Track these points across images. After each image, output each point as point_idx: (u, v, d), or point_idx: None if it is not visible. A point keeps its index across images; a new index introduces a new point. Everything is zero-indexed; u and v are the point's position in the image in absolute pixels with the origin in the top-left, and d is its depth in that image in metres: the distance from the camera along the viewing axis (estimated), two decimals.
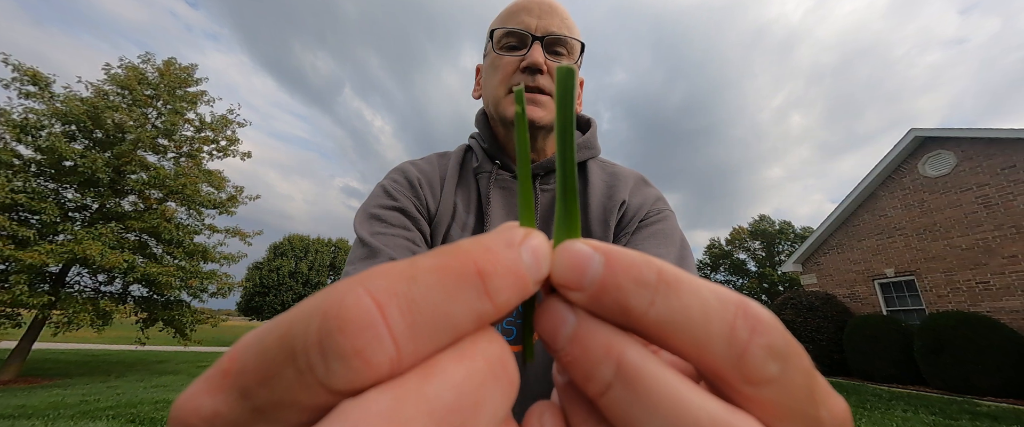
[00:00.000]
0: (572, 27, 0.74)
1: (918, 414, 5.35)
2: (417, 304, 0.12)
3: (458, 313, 0.12)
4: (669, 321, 0.13)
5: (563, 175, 0.18)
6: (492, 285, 0.13)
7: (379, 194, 0.70)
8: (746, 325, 0.13)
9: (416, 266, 0.13)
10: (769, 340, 0.13)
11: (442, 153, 0.83)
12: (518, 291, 0.14)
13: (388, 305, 0.11)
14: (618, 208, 0.71)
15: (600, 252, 0.15)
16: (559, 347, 0.15)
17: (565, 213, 0.18)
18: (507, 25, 0.72)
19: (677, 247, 0.66)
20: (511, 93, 0.70)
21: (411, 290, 0.12)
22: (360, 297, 0.11)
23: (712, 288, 0.14)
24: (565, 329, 0.15)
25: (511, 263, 0.14)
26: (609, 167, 0.80)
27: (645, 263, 0.14)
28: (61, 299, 8.27)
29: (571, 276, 0.15)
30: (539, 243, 0.15)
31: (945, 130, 9.10)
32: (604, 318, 0.15)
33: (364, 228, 0.64)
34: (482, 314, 0.13)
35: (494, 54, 0.74)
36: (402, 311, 0.11)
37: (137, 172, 9.59)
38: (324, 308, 0.11)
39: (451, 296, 0.12)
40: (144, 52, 10.77)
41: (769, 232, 33.91)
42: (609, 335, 0.14)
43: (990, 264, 8.08)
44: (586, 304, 0.15)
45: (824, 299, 9.88)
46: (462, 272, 0.13)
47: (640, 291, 0.14)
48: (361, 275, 0.12)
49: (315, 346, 0.11)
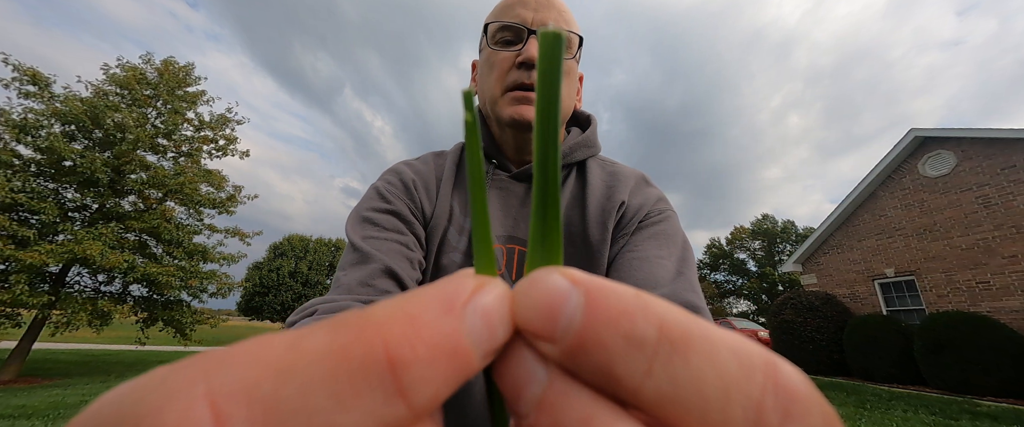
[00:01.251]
0: (570, 20, 0.72)
1: (918, 414, 5.35)
2: (283, 416, 0.08)
3: (350, 424, 0.09)
4: (672, 398, 0.10)
5: (544, 177, 0.13)
6: (409, 378, 0.09)
7: (372, 196, 0.67)
8: (777, 406, 0.10)
9: (298, 351, 0.09)
10: (808, 426, 0.10)
11: (438, 152, 0.80)
12: (453, 376, 0.10)
13: (233, 420, 0.08)
14: (617, 209, 0.68)
15: (581, 289, 0.11)
16: (522, 411, 0.11)
17: (543, 229, 0.14)
18: (502, 19, 0.69)
19: (678, 249, 0.63)
20: (508, 91, 0.67)
21: (280, 391, 0.08)
22: (191, 406, 0.08)
23: (732, 347, 0.10)
24: (531, 389, 0.11)
25: (444, 338, 0.10)
26: (609, 166, 0.77)
27: (641, 311, 0.10)
28: (61, 299, 8.27)
29: (540, 321, 0.11)
30: (495, 299, 0.11)
31: (945, 130, 9.10)
32: (584, 381, 0.11)
33: (356, 232, 0.61)
34: (389, 422, 0.09)
35: (489, 49, 0.71)
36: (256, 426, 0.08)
37: (137, 172, 9.60)
38: (130, 412, 0.08)
39: (341, 400, 0.09)
40: (145, 52, 10.78)
41: (772, 232, 33.91)
42: (590, 405, 0.10)
43: (990, 264, 8.08)
44: (560, 360, 0.11)
45: (824, 299, 9.88)
46: (364, 362, 0.09)
47: (633, 353, 0.10)
48: (207, 364, 0.09)
49: None
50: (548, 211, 0.14)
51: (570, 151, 0.73)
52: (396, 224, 0.63)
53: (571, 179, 0.74)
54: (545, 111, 0.13)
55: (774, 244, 33.81)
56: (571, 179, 0.74)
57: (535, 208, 0.14)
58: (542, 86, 0.13)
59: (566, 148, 0.73)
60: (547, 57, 0.13)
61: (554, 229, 0.13)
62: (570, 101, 0.73)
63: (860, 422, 4.91)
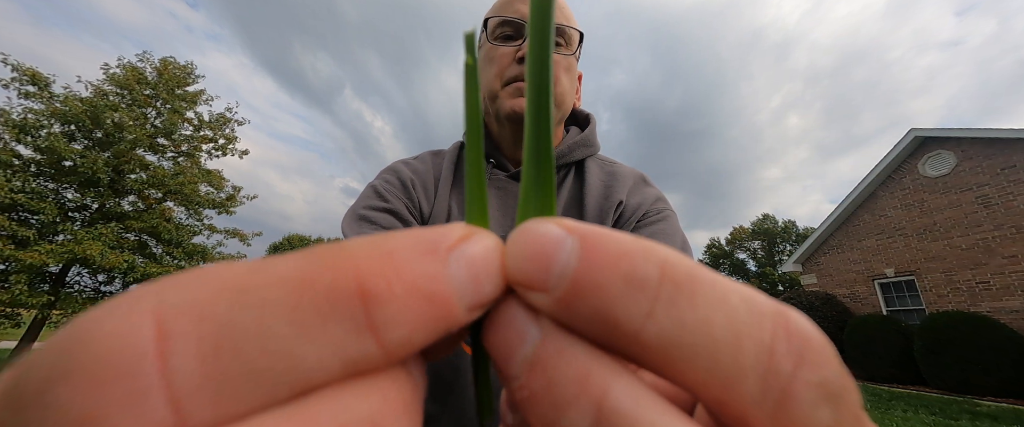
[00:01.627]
0: (570, 16, 0.71)
1: (918, 414, 5.34)
2: (238, 338, 0.08)
3: (311, 356, 0.08)
4: (677, 341, 0.09)
5: (536, 132, 0.13)
6: (381, 315, 0.09)
7: (369, 195, 0.66)
8: (790, 351, 0.09)
9: (261, 272, 0.08)
10: (822, 375, 0.09)
11: (436, 151, 0.79)
12: (432, 323, 0.09)
13: (180, 336, 0.07)
14: (615, 209, 0.67)
15: (576, 235, 0.10)
16: (513, 373, 0.10)
17: (536, 180, 0.13)
18: (502, 14, 0.68)
19: (677, 249, 0.61)
20: (508, 85, 0.67)
21: (235, 313, 0.08)
22: (132, 320, 0.07)
23: (741, 293, 0.10)
24: (523, 348, 0.10)
25: (423, 280, 0.09)
26: (608, 165, 0.76)
27: (643, 253, 0.10)
28: (61, 299, 8.27)
29: (531, 269, 0.10)
30: (483, 249, 0.11)
31: (945, 130, 9.10)
32: (581, 333, 0.10)
33: (352, 230, 0.61)
34: (357, 359, 0.08)
35: (489, 45, 0.70)
36: (205, 348, 0.07)
37: (137, 172, 9.60)
38: (74, 332, 0.07)
39: (304, 329, 0.08)
40: (142, 51, 10.78)
41: (772, 232, 33.91)
42: (586, 360, 0.10)
43: (990, 264, 8.08)
44: (555, 312, 0.10)
45: (824, 299, 9.88)
46: (333, 290, 0.08)
47: (632, 295, 0.09)
48: (162, 281, 0.08)
49: (35, 397, 0.07)
50: (541, 160, 0.13)
51: (569, 150, 0.72)
52: (393, 223, 0.62)
53: (569, 178, 0.73)
54: (538, 69, 0.13)
55: (774, 244, 33.81)
56: (569, 178, 0.73)
57: (527, 159, 0.13)
58: (534, 40, 0.13)
59: (565, 147, 0.72)
60: (538, 9, 0.13)
61: (547, 180, 0.13)
62: (570, 97, 0.72)
63: None
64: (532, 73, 0.13)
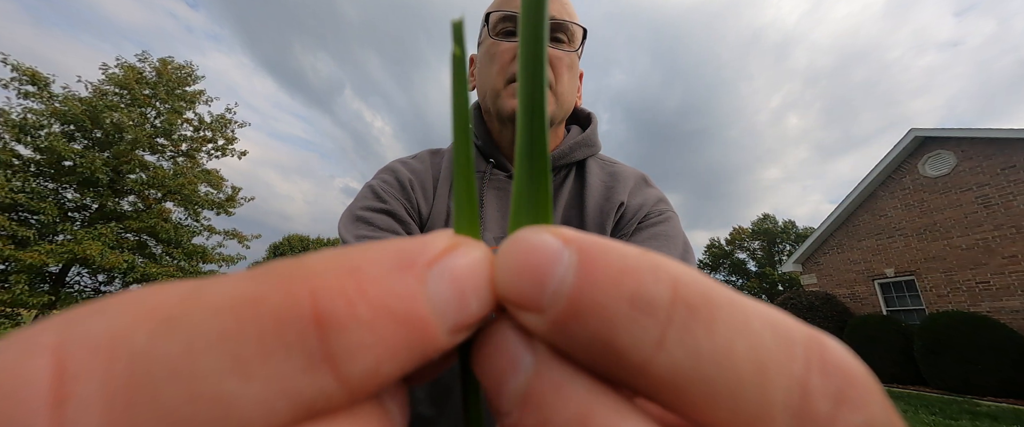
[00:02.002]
0: (572, 12, 0.70)
1: (918, 414, 5.34)
2: (154, 378, 0.06)
3: (251, 399, 0.06)
4: (693, 377, 0.08)
5: (530, 132, 0.12)
6: (340, 342, 0.07)
7: (367, 195, 0.64)
8: (828, 389, 0.08)
9: (195, 296, 0.07)
10: (867, 416, 0.08)
11: (435, 150, 0.78)
12: (403, 350, 0.08)
13: (82, 378, 0.06)
14: (616, 210, 0.66)
15: (573, 246, 0.09)
16: (504, 409, 0.09)
17: (530, 185, 0.12)
18: (504, 8, 0.67)
19: (679, 251, 0.60)
20: (511, 83, 0.65)
21: (153, 346, 0.06)
22: (25, 360, 0.06)
23: (765, 316, 0.08)
24: (515, 379, 0.09)
25: (395, 299, 0.08)
26: (609, 166, 0.75)
27: (650, 269, 0.08)
28: (61, 299, 8.27)
29: (524, 286, 0.09)
30: (469, 263, 0.09)
31: (945, 130, 9.10)
32: (580, 362, 0.09)
33: (349, 231, 0.59)
34: (308, 399, 0.07)
35: (490, 40, 0.68)
36: (111, 393, 0.06)
37: (136, 172, 9.61)
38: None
39: (241, 363, 0.06)
40: (141, 51, 10.77)
41: (772, 231, 33.90)
42: (586, 398, 0.08)
43: (990, 264, 8.08)
44: (550, 336, 0.09)
45: (824, 299, 9.87)
46: (280, 315, 0.07)
47: (641, 319, 0.08)
48: (73, 312, 0.07)
49: None
50: (535, 163, 0.12)
51: (570, 150, 0.72)
52: (391, 224, 0.61)
53: (570, 178, 0.72)
54: (532, 63, 0.12)
55: (774, 244, 33.80)
56: (570, 178, 0.72)
57: (519, 160, 0.12)
58: (526, 34, 0.12)
59: (566, 147, 0.71)
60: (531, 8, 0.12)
61: (542, 183, 0.12)
62: (572, 96, 0.71)
63: None
64: (525, 70, 0.12)
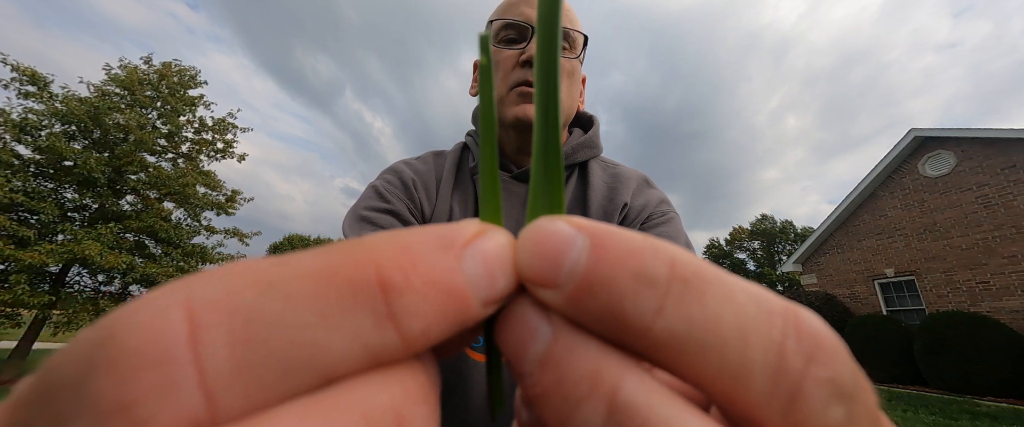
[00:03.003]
0: (574, 19, 0.70)
1: (918, 414, 5.35)
2: (265, 328, 0.08)
3: (335, 345, 0.08)
4: (686, 337, 0.09)
5: (545, 131, 0.13)
6: (401, 305, 0.09)
7: (371, 195, 0.65)
8: (801, 349, 0.09)
9: (285, 266, 0.09)
10: (833, 372, 0.09)
11: (438, 152, 0.79)
12: (448, 315, 0.09)
13: (211, 327, 0.07)
14: (619, 211, 0.67)
15: (585, 232, 0.11)
16: (526, 371, 0.10)
17: (544, 179, 0.13)
18: (506, 17, 0.68)
19: None
20: (511, 90, 0.66)
21: (262, 304, 0.08)
22: (165, 313, 0.07)
23: (750, 290, 0.10)
24: (535, 346, 0.10)
25: (440, 274, 0.09)
26: (611, 168, 0.76)
27: (652, 250, 0.10)
28: (61, 299, 8.28)
29: (542, 266, 0.10)
30: (497, 246, 0.11)
31: (945, 130, 9.10)
32: (592, 330, 0.10)
33: (353, 230, 0.60)
34: (378, 349, 0.09)
35: (493, 48, 0.70)
36: (234, 339, 0.07)
37: (137, 172, 9.61)
38: (105, 328, 0.07)
39: (328, 318, 0.08)
40: (146, 53, 10.82)
41: (771, 232, 33.90)
42: (598, 357, 0.10)
43: (990, 264, 8.08)
44: (565, 309, 0.10)
45: (824, 299, 9.88)
46: (354, 281, 0.09)
47: (643, 291, 0.09)
48: (193, 277, 0.08)
49: (70, 390, 0.07)
50: (549, 160, 0.13)
51: (572, 152, 0.72)
52: (394, 224, 0.62)
53: (573, 180, 0.73)
54: (546, 67, 0.13)
55: (773, 244, 33.81)
56: (573, 180, 0.73)
57: (536, 158, 0.13)
58: (542, 40, 0.13)
59: (568, 149, 0.72)
60: (546, 10, 0.13)
61: (556, 179, 0.13)
62: (573, 102, 0.72)
63: None
64: (540, 76, 0.13)
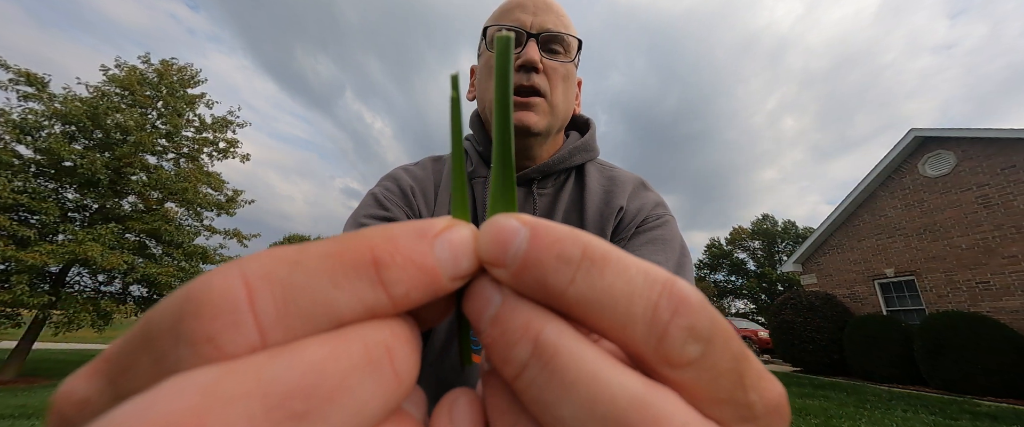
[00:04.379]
0: (568, 24, 0.71)
1: (918, 414, 5.35)
2: (295, 290, 0.11)
3: (343, 301, 0.12)
4: (590, 300, 0.13)
5: (502, 150, 0.17)
6: (388, 276, 0.12)
7: (370, 203, 0.67)
8: (669, 306, 0.12)
9: (306, 251, 0.12)
10: (691, 321, 0.12)
11: (436, 157, 0.80)
12: (423, 286, 0.13)
13: (260, 289, 0.11)
14: (615, 214, 0.68)
15: (527, 226, 0.14)
16: (482, 328, 0.14)
17: (501, 186, 0.17)
18: (501, 22, 0.69)
19: (676, 254, 0.63)
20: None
21: (292, 275, 0.11)
22: (229, 279, 0.11)
23: (641, 267, 0.13)
24: (489, 309, 0.14)
25: (416, 255, 0.13)
26: (607, 170, 0.77)
27: (571, 238, 0.13)
28: (61, 299, 8.28)
29: (494, 251, 0.14)
30: (461, 237, 0.14)
31: (945, 130, 9.10)
32: (528, 297, 0.14)
33: None
34: (373, 303, 0.12)
35: (488, 53, 0.70)
36: (275, 296, 0.11)
37: (138, 173, 9.61)
38: (189, 291, 0.11)
39: (337, 283, 0.12)
40: (144, 52, 10.79)
41: (771, 232, 33.89)
42: (529, 313, 0.13)
43: (990, 264, 8.08)
44: (510, 282, 0.14)
45: (824, 299, 9.87)
46: (354, 258, 0.12)
47: (561, 267, 0.13)
48: (243, 258, 0.12)
49: (168, 332, 0.10)
50: (505, 174, 0.17)
51: (569, 155, 0.72)
52: None
53: (569, 183, 0.73)
54: (502, 96, 0.16)
55: (773, 244, 33.80)
56: (569, 183, 0.73)
57: (495, 172, 0.17)
58: (499, 74, 0.16)
59: (565, 152, 0.72)
60: (501, 51, 0.17)
61: (510, 188, 0.17)
62: (568, 105, 0.72)
63: (860, 422, 4.91)
64: (497, 111, 0.17)
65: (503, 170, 0.17)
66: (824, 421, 4.94)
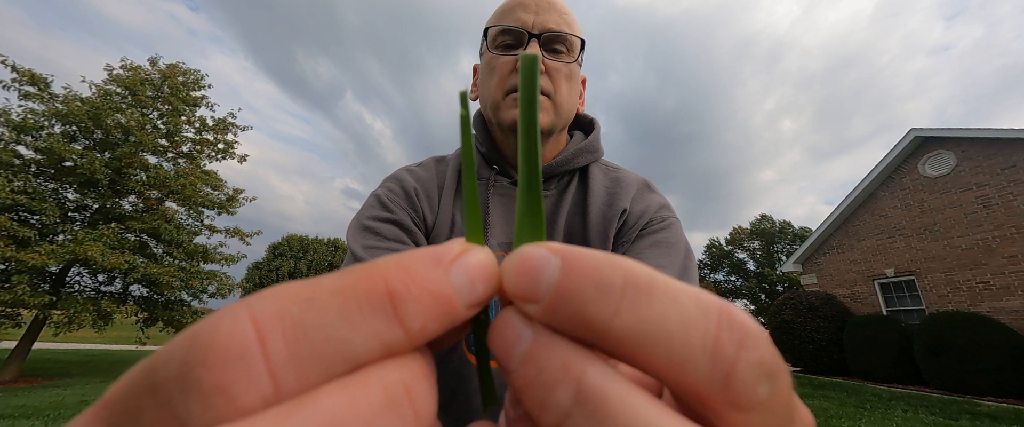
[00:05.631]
0: (572, 23, 0.70)
1: (918, 414, 5.35)
2: (308, 330, 0.10)
3: (358, 340, 0.11)
4: (639, 333, 0.11)
5: (528, 172, 0.16)
6: (404, 309, 0.12)
7: (373, 205, 0.66)
8: (732, 338, 0.11)
9: (317, 286, 0.11)
10: (760, 356, 0.11)
11: (439, 158, 0.79)
12: (440, 316, 0.12)
13: (271, 331, 0.10)
14: (619, 217, 0.67)
15: (557, 254, 0.13)
16: (512, 367, 0.13)
17: (528, 212, 0.16)
18: (503, 22, 0.68)
19: (681, 257, 0.62)
20: (509, 95, 0.67)
21: (304, 314, 0.11)
22: (238, 322, 0.10)
23: (691, 293, 0.12)
24: (520, 347, 0.13)
25: (432, 284, 0.12)
26: (612, 171, 0.75)
27: (610, 265, 0.12)
28: (62, 299, 8.27)
29: (524, 284, 0.13)
30: (477, 261, 0.14)
31: (945, 130, 9.10)
32: (564, 333, 0.12)
33: (357, 240, 0.61)
34: (390, 341, 0.11)
35: (490, 53, 0.69)
36: (287, 338, 0.10)
37: (138, 173, 9.60)
38: (195, 336, 0.10)
39: (351, 321, 0.11)
40: (152, 55, 10.82)
41: (770, 232, 33.88)
42: (568, 352, 0.12)
43: (990, 264, 8.08)
44: (544, 317, 0.13)
45: (824, 299, 9.88)
46: (368, 293, 0.11)
47: (602, 298, 0.12)
48: (250, 297, 0.11)
49: (176, 380, 0.09)
50: (532, 198, 0.16)
51: (573, 156, 0.72)
52: (398, 234, 0.63)
53: (573, 184, 0.72)
54: (528, 120, 0.16)
55: (773, 244, 33.78)
56: (573, 184, 0.72)
57: (521, 195, 0.16)
58: (524, 98, 0.16)
59: (569, 154, 0.72)
60: (527, 73, 0.16)
61: (537, 213, 0.16)
62: (572, 104, 0.72)
63: (860, 422, 4.91)
64: (523, 130, 0.16)
65: (529, 194, 0.16)
66: (824, 421, 4.93)
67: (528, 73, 0.16)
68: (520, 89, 0.16)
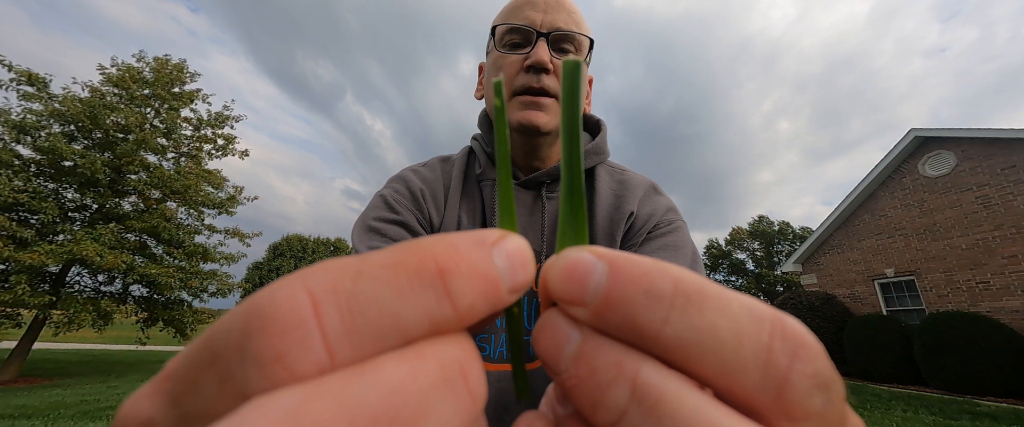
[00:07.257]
0: (580, 22, 0.68)
1: (918, 414, 5.35)
2: (361, 303, 0.10)
3: (409, 315, 0.11)
4: (689, 341, 0.11)
5: (570, 177, 0.16)
6: (454, 286, 0.12)
7: (379, 205, 0.65)
8: (786, 349, 0.11)
9: (368, 261, 0.11)
10: (815, 368, 0.11)
11: (445, 158, 0.78)
12: (486, 297, 0.12)
13: (325, 303, 0.10)
14: (626, 219, 0.66)
15: (605, 260, 0.13)
16: (561, 369, 0.13)
17: (571, 217, 0.16)
18: (511, 21, 0.67)
19: (687, 261, 0.62)
20: (516, 95, 0.66)
21: (356, 287, 0.11)
22: (294, 294, 0.10)
23: (743, 302, 0.12)
24: (568, 348, 0.13)
25: (479, 264, 0.12)
26: (618, 174, 0.75)
27: (659, 272, 0.12)
28: (61, 299, 8.27)
29: (571, 289, 0.13)
30: (516, 246, 0.14)
31: (945, 130, 9.09)
32: (612, 336, 0.13)
33: (362, 242, 0.60)
34: (439, 318, 0.11)
35: (496, 52, 0.69)
36: (341, 310, 0.10)
37: (138, 172, 9.60)
38: (252, 306, 0.10)
39: (403, 295, 0.11)
40: (138, 50, 10.77)
41: (768, 232, 33.88)
42: (620, 352, 0.12)
43: (990, 264, 8.08)
44: (590, 321, 0.13)
45: (824, 299, 9.88)
46: (419, 269, 0.11)
47: (652, 305, 0.12)
48: (304, 270, 0.11)
49: (235, 350, 0.10)
50: (575, 203, 0.16)
51: None
52: (403, 235, 0.62)
53: None
54: (570, 131, 0.16)
55: (771, 245, 33.77)
56: None
57: (564, 200, 0.17)
58: (566, 108, 0.16)
59: None
60: (569, 82, 0.16)
61: (581, 216, 0.16)
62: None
63: None
64: (565, 137, 0.16)
65: (572, 198, 0.16)
66: None
67: (570, 80, 0.16)
68: (562, 96, 0.16)
